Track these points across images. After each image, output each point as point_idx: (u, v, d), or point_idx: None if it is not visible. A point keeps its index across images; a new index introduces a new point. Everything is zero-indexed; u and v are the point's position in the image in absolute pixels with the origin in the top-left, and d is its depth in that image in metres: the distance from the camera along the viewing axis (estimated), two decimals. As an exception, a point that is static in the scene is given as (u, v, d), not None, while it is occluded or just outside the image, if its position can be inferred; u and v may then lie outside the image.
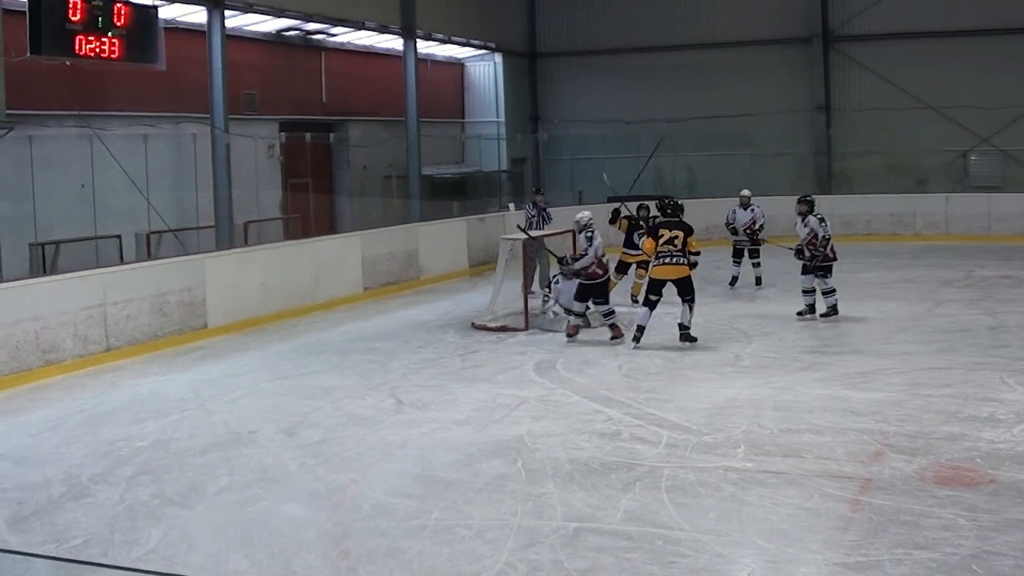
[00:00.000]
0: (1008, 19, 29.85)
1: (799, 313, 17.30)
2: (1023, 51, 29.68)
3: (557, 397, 12.66)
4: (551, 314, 17.56)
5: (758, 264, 21.15)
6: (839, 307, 17.11)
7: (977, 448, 10.25)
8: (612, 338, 15.84)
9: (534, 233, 18.73)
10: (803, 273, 17.37)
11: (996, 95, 29.70)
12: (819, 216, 17.44)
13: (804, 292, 17.35)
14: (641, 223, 18.83)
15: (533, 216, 20.45)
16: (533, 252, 19.27)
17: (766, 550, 7.92)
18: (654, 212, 17.75)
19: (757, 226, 21.05)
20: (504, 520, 8.58)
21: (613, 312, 16.19)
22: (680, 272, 15.34)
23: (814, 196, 18.54)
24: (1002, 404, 11.83)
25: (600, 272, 16.25)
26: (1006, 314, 15.53)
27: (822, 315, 17.08)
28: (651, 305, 15.42)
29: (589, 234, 16.32)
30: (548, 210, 20.75)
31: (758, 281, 21.06)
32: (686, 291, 15.38)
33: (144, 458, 10.64)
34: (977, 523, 8.29)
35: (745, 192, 21.31)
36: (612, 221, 19.61)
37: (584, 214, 16.91)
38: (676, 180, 31.51)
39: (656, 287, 15.51)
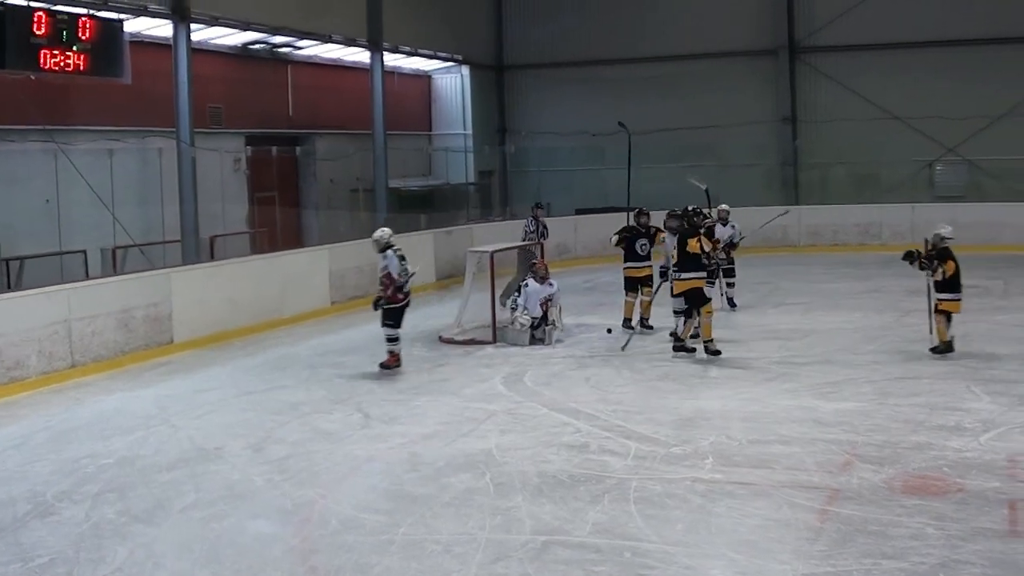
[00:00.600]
0: (973, 30, 30.00)
1: (673, 340, 16.23)
2: (988, 61, 29.82)
3: (525, 410, 12.64)
4: (518, 324, 17.23)
5: (733, 284, 19.66)
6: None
7: (944, 457, 10.30)
8: (383, 365, 15.17)
9: (492, 248, 18.46)
10: (674, 295, 16.20)
11: (962, 105, 29.82)
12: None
13: (675, 313, 16.32)
14: (643, 231, 17.77)
15: (531, 231, 20.68)
16: (521, 265, 19.36)
17: (735, 561, 7.92)
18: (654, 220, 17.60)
19: (736, 242, 19.55)
20: (472, 534, 8.56)
21: (397, 340, 15.34)
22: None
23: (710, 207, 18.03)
24: (969, 413, 11.89)
25: (400, 297, 15.33)
26: (972, 323, 15.59)
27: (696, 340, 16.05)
28: (688, 314, 15.52)
29: (388, 253, 15.27)
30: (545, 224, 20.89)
31: (731, 303, 19.52)
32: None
33: (110, 475, 10.55)
34: (945, 532, 8.32)
35: (724, 206, 19.79)
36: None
37: (383, 232, 15.63)
38: (644, 192, 31.48)
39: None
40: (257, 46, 26.11)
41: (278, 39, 26.05)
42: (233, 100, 25.39)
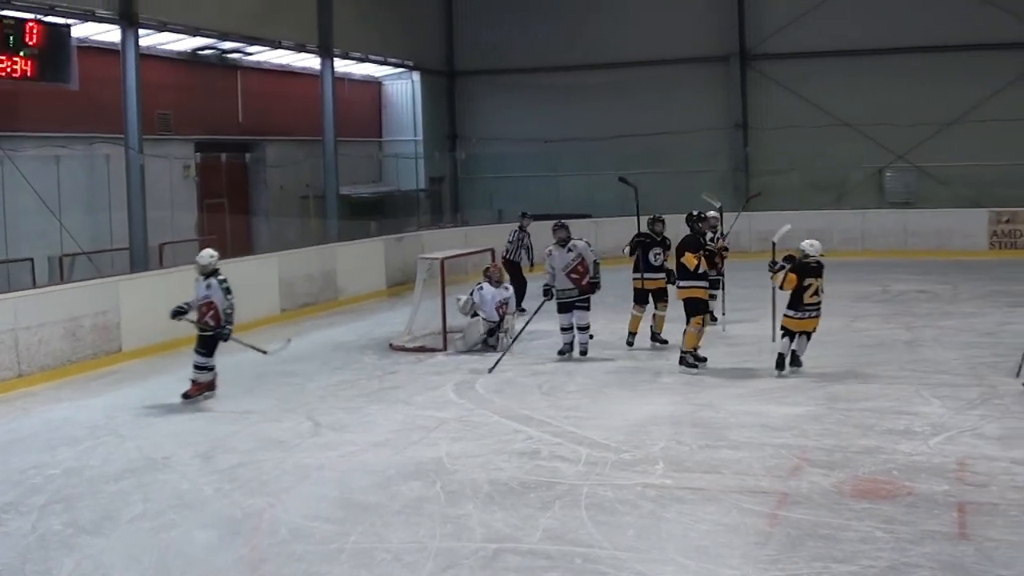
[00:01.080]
0: (922, 38, 30.23)
1: (560, 352, 16.10)
2: (937, 69, 30.09)
3: (476, 417, 12.61)
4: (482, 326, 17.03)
5: (715, 296, 17.77)
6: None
7: (894, 461, 10.35)
8: (185, 395, 14.01)
9: (443, 255, 18.32)
10: (560, 311, 15.98)
11: (911, 112, 30.11)
12: (584, 240, 16.46)
13: (563, 330, 16.07)
14: (657, 239, 16.60)
15: (510, 240, 20.81)
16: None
17: (685, 567, 7.92)
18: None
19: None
20: (423, 543, 8.52)
21: (209, 369, 14.23)
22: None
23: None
24: (918, 417, 11.97)
25: (212, 324, 14.10)
26: (922, 328, 15.72)
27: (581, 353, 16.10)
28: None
29: (213, 282, 14.18)
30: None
31: (712, 318, 17.51)
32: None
33: (56, 486, 10.43)
34: (894, 535, 8.36)
35: (712, 213, 18.00)
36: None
37: (208, 255, 14.55)
38: (597, 200, 31.49)
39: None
40: (206, 52, 25.95)
41: (227, 45, 25.89)
42: (182, 106, 25.20)
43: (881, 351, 15.73)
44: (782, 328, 14.46)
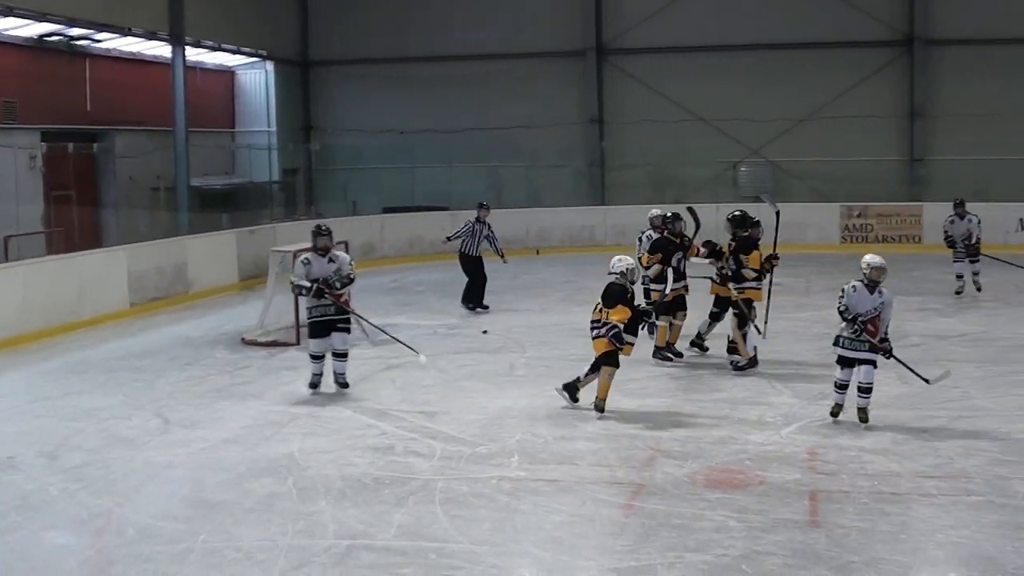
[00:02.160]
0: (776, 35, 30.78)
1: (311, 385, 13.53)
2: (791, 66, 30.65)
3: (329, 413, 12.46)
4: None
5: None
6: None
7: (747, 451, 10.50)
8: None
9: (296, 247, 17.15)
10: (313, 335, 13.55)
11: (765, 108, 30.66)
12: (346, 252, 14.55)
13: (314, 358, 13.55)
14: (678, 241, 14.93)
15: (463, 234, 19.48)
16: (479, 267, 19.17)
17: (541, 559, 7.91)
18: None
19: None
20: (274, 540, 8.40)
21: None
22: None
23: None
24: (771, 407, 12.17)
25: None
26: (774, 320, 15.89)
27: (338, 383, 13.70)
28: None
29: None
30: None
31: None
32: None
33: None
34: (747, 524, 8.46)
35: (655, 211, 16.34)
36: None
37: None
38: (451, 192, 31.44)
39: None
40: (54, 38, 25.24)
41: (76, 31, 25.23)
42: (28, 94, 24.50)
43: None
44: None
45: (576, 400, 12.27)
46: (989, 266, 20.03)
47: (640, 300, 13.04)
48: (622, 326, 11.71)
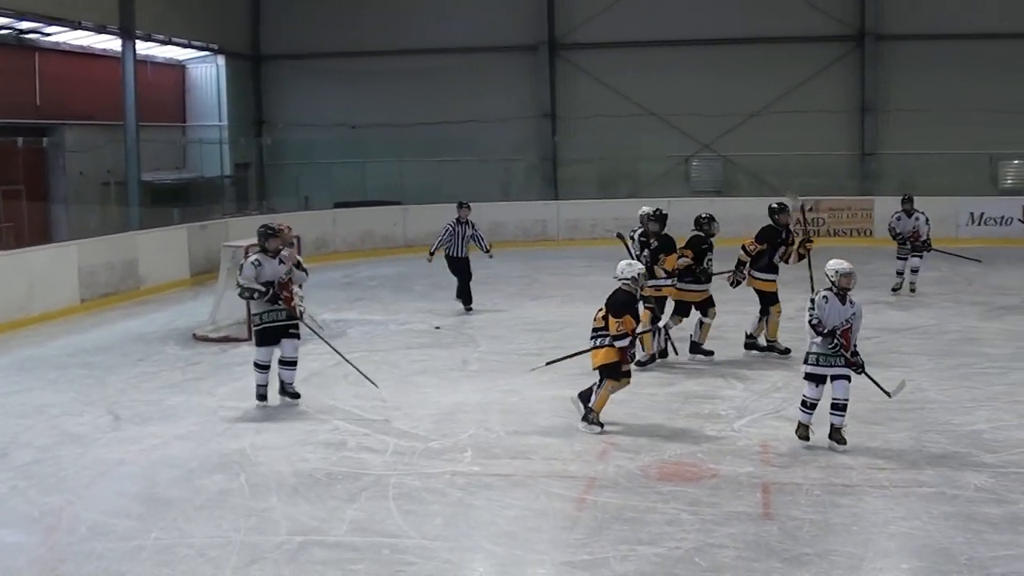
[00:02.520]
0: (728, 30, 30.86)
1: (259, 396, 12.70)
2: (742, 60, 30.72)
3: (281, 408, 12.40)
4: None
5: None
6: None
7: (699, 444, 10.55)
8: None
9: (247, 243, 16.50)
10: (261, 343, 12.71)
11: (717, 103, 30.71)
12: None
13: (258, 367, 12.70)
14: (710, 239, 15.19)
15: (446, 237, 18.87)
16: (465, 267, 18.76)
17: (494, 553, 7.92)
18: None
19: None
20: (226, 537, 8.37)
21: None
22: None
23: None
24: (724, 401, 12.24)
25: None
26: (727, 315, 15.92)
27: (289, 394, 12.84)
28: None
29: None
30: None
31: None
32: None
33: None
34: (699, 517, 8.49)
35: (645, 208, 15.81)
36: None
37: None
38: (409, 185, 31.35)
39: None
40: (2, 32, 24.96)
41: (24, 24, 24.97)
42: (-26, 88, 24.26)
43: (688, 338, 15.91)
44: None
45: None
46: (939, 260, 20.14)
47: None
48: (629, 340, 11.13)
